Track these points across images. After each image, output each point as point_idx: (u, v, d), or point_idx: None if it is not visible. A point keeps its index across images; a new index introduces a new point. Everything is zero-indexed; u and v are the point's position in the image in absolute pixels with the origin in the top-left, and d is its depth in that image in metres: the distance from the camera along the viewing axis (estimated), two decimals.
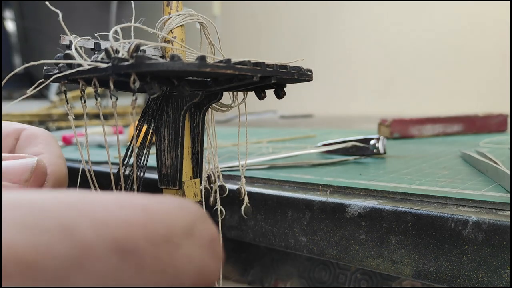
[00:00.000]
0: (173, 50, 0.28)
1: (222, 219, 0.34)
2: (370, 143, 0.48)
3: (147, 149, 0.29)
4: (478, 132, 0.71)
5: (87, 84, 0.26)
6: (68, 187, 0.27)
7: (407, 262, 0.29)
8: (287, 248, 0.35)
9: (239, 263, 0.60)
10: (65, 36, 0.26)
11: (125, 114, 1.27)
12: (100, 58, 0.24)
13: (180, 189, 0.29)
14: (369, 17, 1.50)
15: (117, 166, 0.27)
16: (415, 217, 0.28)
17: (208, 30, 0.30)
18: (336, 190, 0.35)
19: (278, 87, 0.30)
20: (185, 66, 0.22)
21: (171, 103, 0.29)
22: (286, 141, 0.73)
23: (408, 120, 0.69)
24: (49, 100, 1.40)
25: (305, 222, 0.34)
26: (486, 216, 0.26)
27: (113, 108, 0.24)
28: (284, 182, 0.39)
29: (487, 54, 1.25)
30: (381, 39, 1.47)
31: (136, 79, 0.22)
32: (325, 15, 1.62)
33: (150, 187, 0.41)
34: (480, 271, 0.26)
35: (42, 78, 0.26)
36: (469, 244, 0.26)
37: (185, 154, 0.29)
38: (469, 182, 0.35)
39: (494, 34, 1.22)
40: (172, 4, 0.29)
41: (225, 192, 0.34)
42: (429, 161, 0.46)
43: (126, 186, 0.28)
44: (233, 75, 0.25)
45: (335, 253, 0.32)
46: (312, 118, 1.41)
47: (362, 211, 0.31)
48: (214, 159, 0.34)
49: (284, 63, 0.27)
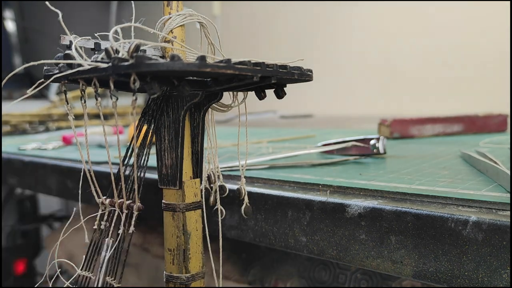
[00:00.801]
0: (173, 50, 0.28)
1: (222, 219, 0.34)
2: (370, 143, 0.48)
3: (147, 149, 0.29)
4: (478, 132, 0.71)
5: (87, 84, 0.26)
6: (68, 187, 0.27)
7: (407, 262, 0.29)
8: (287, 248, 0.35)
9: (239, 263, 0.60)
10: (65, 36, 0.26)
11: (125, 114, 1.27)
12: (100, 58, 0.24)
13: (180, 189, 0.29)
14: (369, 17, 1.50)
15: (117, 166, 0.27)
16: (415, 217, 0.28)
17: (208, 30, 0.30)
18: (336, 190, 0.35)
19: (278, 87, 0.30)
20: (185, 66, 0.22)
21: (171, 103, 0.29)
22: (286, 141, 0.73)
23: (408, 120, 0.69)
24: (49, 100, 1.40)
25: (305, 222, 0.34)
26: (486, 216, 0.26)
27: (113, 108, 0.24)
28: (284, 182, 0.39)
29: (487, 54, 1.25)
30: (381, 39, 1.47)
31: (136, 79, 0.22)
32: (325, 15, 1.62)
33: (150, 187, 0.41)
34: (480, 271, 0.26)
35: (42, 78, 0.26)
36: (469, 244, 0.26)
37: (185, 154, 0.29)
38: (469, 182, 0.35)
39: (494, 34, 1.22)
40: (172, 4, 0.29)
41: (225, 192, 0.34)
42: (429, 161, 0.46)
43: (126, 186, 0.28)
44: (233, 75, 0.25)
45: (335, 253, 0.32)
46: (312, 118, 1.41)
47: (362, 211, 0.31)
48: (214, 159, 0.34)
49: (284, 63, 0.27)
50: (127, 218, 0.28)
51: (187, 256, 0.29)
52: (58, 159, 0.61)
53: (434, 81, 1.37)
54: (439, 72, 1.35)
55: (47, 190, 0.60)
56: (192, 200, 0.29)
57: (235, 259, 0.60)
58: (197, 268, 0.30)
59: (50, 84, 0.25)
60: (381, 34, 1.47)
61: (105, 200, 0.29)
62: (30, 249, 1.28)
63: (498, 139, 0.62)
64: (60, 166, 0.57)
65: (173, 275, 0.29)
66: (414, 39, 1.40)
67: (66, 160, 0.59)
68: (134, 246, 0.75)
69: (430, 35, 1.36)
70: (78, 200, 0.31)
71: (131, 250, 0.75)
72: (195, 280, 0.30)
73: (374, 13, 1.48)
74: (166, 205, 0.29)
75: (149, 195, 0.42)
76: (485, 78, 1.26)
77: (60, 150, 0.72)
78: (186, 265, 0.29)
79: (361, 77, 1.55)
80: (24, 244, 1.27)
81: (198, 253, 0.30)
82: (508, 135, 0.68)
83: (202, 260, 0.30)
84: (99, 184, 0.29)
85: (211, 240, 0.32)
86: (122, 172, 0.27)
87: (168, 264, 0.30)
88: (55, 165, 0.58)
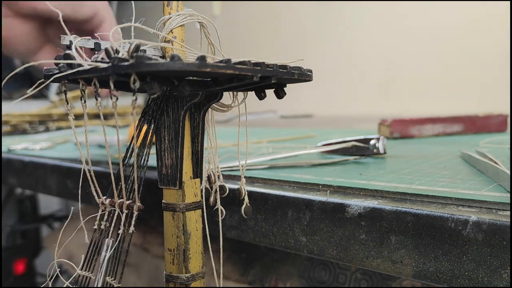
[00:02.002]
0: (173, 50, 0.28)
1: (222, 219, 0.34)
2: (370, 143, 0.48)
3: (147, 149, 0.29)
4: (478, 132, 0.71)
5: (87, 84, 0.26)
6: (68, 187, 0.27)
7: (407, 262, 0.29)
8: (287, 248, 0.35)
9: (239, 263, 0.60)
10: (65, 36, 0.26)
11: (125, 114, 1.27)
12: (100, 58, 0.24)
13: (180, 189, 0.29)
14: (369, 17, 1.50)
15: (117, 166, 0.27)
16: (415, 217, 0.28)
17: (208, 30, 0.30)
18: (336, 190, 0.35)
19: (278, 87, 0.30)
20: (185, 66, 0.22)
21: (171, 103, 0.29)
22: (286, 141, 0.73)
23: (408, 120, 0.69)
24: (49, 100, 1.40)
25: (305, 222, 0.34)
26: (486, 216, 0.26)
27: (113, 108, 0.24)
28: (284, 182, 0.39)
29: (487, 54, 1.25)
30: (381, 39, 1.47)
31: (136, 79, 0.22)
32: (325, 15, 1.62)
33: (150, 187, 0.41)
34: (480, 271, 0.26)
35: (42, 78, 0.26)
36: (469, 244, 0.26)
37: (185, 154, 0.29)
38: (469, 182, 0.35)
39: (494, 34, 1.22)
40: (172, 4, 0.29)
41: (225, 192, 0.34)
42: (429, 161, 0.46)
43: (126, 186, 0.29)
44: (233, 75, 0.25)
45: (335, 253, 0.32)
46: (312, 118, 1.41)
47: (362, 211, 0.31)
48: (214, 159, 0.34)
49: (284, 63, 0.27)
50: (127, 218, 0.28)
51: (187, 256, 0.29)
52: (58, 159, 0.61)
53: (434, 81, 1.37)
54: (439, 72, 1.35)
55: (47, 190, 0.60)
56: (192, 200, 0.29)
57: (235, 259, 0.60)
58: (197, 268, 0.30)
59: (50, 84, 0.25)
60: (381, 34, 1.47)
61: (105, 200, 0.29)
62: (30, 249, 1.29)
63: (498, 139, 0.62)
64: (60, 166, 0.57)
65: (173, 275, 0.29)
66: (414, 39, 1.40)
67: (66, 160, 0.59)
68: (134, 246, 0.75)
69: (430, 35, 1.36)
70: (78, 200, 0.31)
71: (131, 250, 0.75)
72: (195, 280, 0.30)
73: (374, 13, 1.48)
74: (166, 205, 0.29)
75: (149, 195, 0.42)
76: (485, 78, 1.26)
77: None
78: (186, 265, 0.29)
79: (361, 77, 1.55)
80: (24, 244, 1.28)
81: (198, 253, 0.30)
82: (508, 135, 0.68)
83: (202, 260, 0.30)
84: (99, 184, 0.29)
85: (211, 240, 0.32)
86: (122, 172, 0.27)
87: (168, 264, 0.30)
88: (55, 165, 0.58)
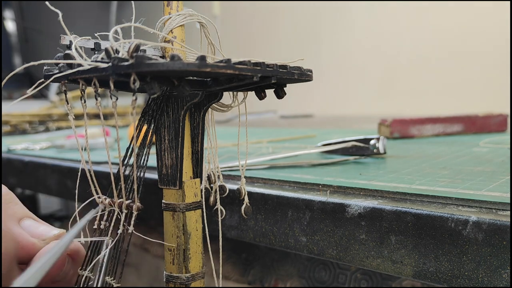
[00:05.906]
0: (173, 50, 0.28)
1: (222, 219, 0.34)
2: (370, 143, 0.48)
3: (147, 149, 0.29)
4: (478, 132, 0.71)
5: (87, 84, 0.26)
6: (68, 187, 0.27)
7: (407, 262, 0.29)
8: (287, 248, 0.35)
9: (239, 263, 0.60)
10: (65, 36, 0.26)
11: (125, 114, 1.27)
12: (100, 58, 0.24)
13: (180, 189, 0.29)
14: (369, 17, 1.50)
15: (117, 166, 0.27)
16: (415, 217, 0.28)
17: (208, 30, 0.30)
18: (336, 190, 0.35)
19: (278, 87, 0.30)
20: (185, 66, 0.22)
21: (171, 103, 0.29)
22: (286, 141, 0.73)
23: (408, 120, 0.69)
24: (49, 100, 1.40)
25: (305, 222, 0.34)
26: (486, 216, 0.26)
27: (113, 108, 0.24)
28: (284, 182, 0.39)
29: (487, 54, 1.24)
30: (381, 39, 1.47)
31: (136, 79, 0.22)
32: (325, 15, 1.62)
33: (150, 187, 0.41)
34: (480, 271, 0.26)
35: (42, 78, 0.26)
36: (469, 244, 0.26)
37: (185, 154, 0.29)
38: (469, 182, 0.35)
39: (494, 34, 1.22)
40: (172, 4, 0.29)
41: (225, 192, 0.34)
42: (429, 161, 0.46)
43: (126, 186, 0.28)
44: (233, 75, 0.25)
45: (335, 253, 0.32)
46: (312, 118, 1.41)
47: (362, 211, 0.31)
48: (214, 159, 0.34)
49: (284, 63, 0.27)
50: (127, 218, 0.28)
51: (187, 256, 0.29)
52: (58, 159, 0.61)
53: (434, 81, 1.37)
54: (439, 72, 1.35)
55: (47, 190, 0.60)
56: (192, 200, 0.29)
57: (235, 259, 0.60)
58: (197, 268, 0.30)
59: (50, 84, 0.25)
60: (381, 34, 1.47)
61: (104, 200, 0.29)
62: None
63: (498, 139, 0.62)
64: (60, 166, 0.57)
65: (173, 275, 0.29)
66: (414, 39, 1.40)
67: (66, 160, 0.59)
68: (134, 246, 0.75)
69: (430, 35, 1.36)
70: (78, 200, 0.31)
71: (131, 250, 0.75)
72: (195, 280, 0.30)
73: (375, 13, 1.48)
74: (166, 205, 0.29)
75: (149, 195, 0.42)
76: (485, 78, 1.26)
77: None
78: (186, 265, 0.29)
79: (361, 77, 1.55)
80: None
81: (198, 253, 0.30)
82: (508, 135, 0.68)
83: (202, 260, 0.30)
84: (99, 184, 0.29)
85: (211, 240, 0.32)
86: (122, 172, 0.27)
87: (168, 264, 0.30)
88: (55, 165, 0.58)
